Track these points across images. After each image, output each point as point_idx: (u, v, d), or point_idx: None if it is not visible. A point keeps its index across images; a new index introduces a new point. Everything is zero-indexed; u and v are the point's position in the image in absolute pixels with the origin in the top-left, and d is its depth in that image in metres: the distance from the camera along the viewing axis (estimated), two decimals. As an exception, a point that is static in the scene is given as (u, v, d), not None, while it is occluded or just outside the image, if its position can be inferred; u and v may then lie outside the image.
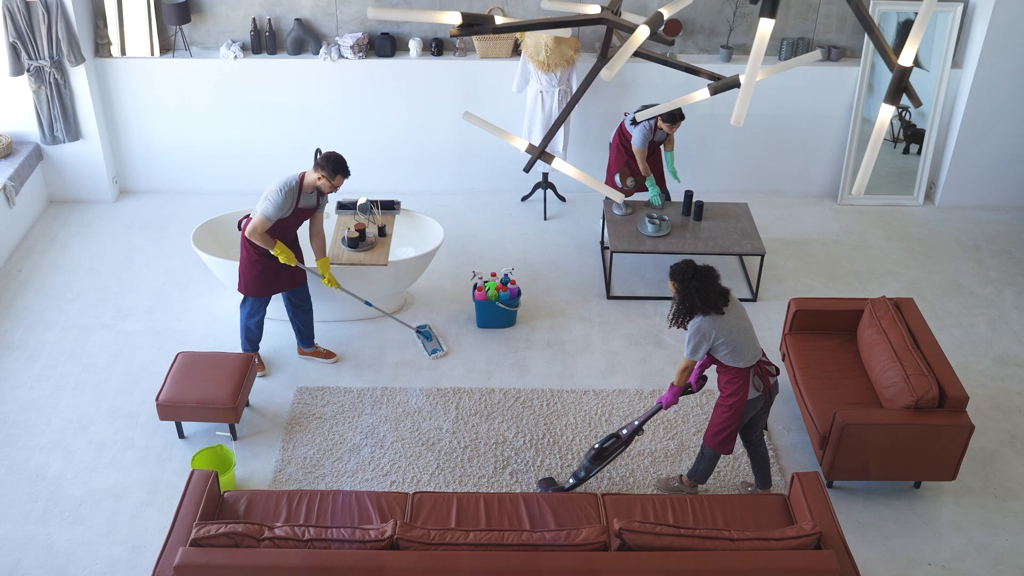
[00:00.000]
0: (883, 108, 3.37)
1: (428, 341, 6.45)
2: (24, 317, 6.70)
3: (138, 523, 5.17)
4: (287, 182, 5.61)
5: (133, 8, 7.50)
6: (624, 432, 5.17)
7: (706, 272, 4.79)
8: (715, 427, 5.05)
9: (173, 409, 5.56)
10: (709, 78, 4.30)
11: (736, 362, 4.86)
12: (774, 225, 7.93)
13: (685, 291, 4.78)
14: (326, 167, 5.59)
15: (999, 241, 7.84)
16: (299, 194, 5.67)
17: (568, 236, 7.76)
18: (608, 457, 5.17)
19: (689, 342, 4.85)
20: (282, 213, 5.62)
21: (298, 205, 5.69)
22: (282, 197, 5.57)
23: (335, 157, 5.61)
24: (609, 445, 5.15)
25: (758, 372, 4.94)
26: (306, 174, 5.68)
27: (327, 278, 6.02)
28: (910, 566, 5.03)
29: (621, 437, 5.16)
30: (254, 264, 5.82)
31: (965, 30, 7.73)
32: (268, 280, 5.90)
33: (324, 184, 5.64)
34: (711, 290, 4.76)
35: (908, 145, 8.13)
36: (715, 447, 5.08)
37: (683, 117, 6.76)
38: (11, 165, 7.42)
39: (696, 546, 4.11)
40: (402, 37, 7.81)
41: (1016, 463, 5.69)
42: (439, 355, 6.35)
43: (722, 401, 5.00)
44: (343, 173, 5.64)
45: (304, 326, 6.22)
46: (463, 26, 3.58)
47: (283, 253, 5.74)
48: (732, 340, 4.80)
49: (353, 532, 4.11)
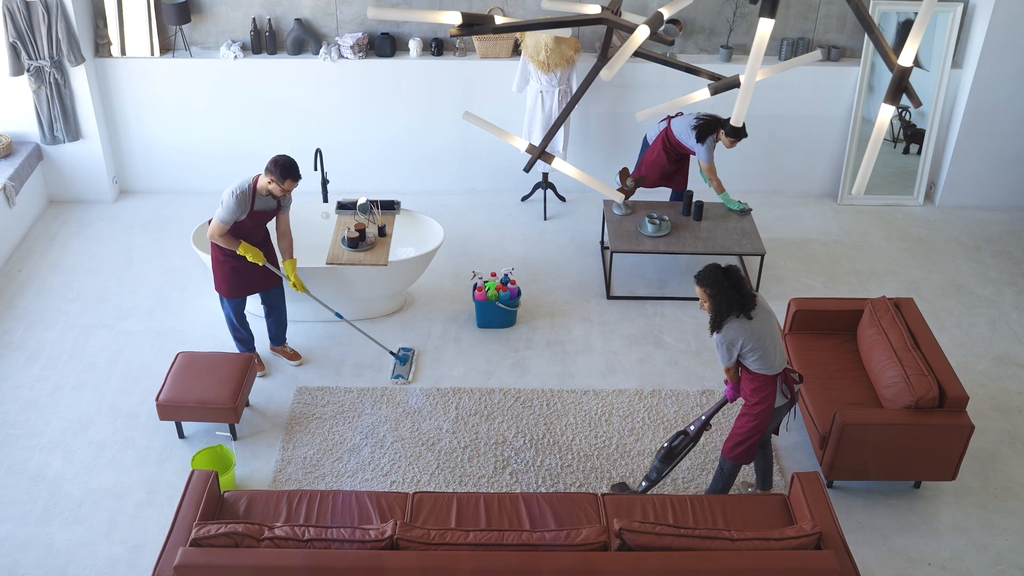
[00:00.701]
0: (883, 108, 3.37)
1: (401, 365, 6.26)
2: (24, 317, 6.70)
3: (138, 523, 5.17)
4: (240, 186, 5.61)
5: (133, 8, 7.50)
6: (692, 428, 5.07)
7: (734, 271, 4.68)
8: (738, 437, 4.90)
9: (173, 409, 5.56)
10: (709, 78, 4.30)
11: (764, 369, 4.74)
12: (774, 225, 7.93)
13: (720, 293, 4.62)
14: (274, 171, 5.53)
15: (999, 241, 7.84)
16: (253, 197, 5.66)
17: (568, 236, 7.76)
18: (679, 455, 5.07)
19: (719, 350, 4.76)
20: (237, 216, 5.62)
21: (253, 208, 5.68)
22: (234, 201, 5.57)
23: (284, 161, 5.54)
24: (679, 443, 5.05)
25: (784, 379, 4.84)
26: (259, 177, 5.65)
27: (292, 280, 5.99)
28: (910, 566, 5.03)
29: (689, 433, 5.06)
30: (223, 264, 5.84)
31: (965, 30, 7.73)
32: (241, 280, 5.91)
33: (275, 188, 5.59)
34: (745, 289, 4.66)
35: (908, 145, 8.13)
36: (735, 458, 4.94)
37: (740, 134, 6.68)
38: (11, 165, 7.42)
39: (696, 546, 4.11)
40: (402, 37, 7.81)
41: (1016, 463, 5.69)
42: (400, 382, 6.14)
43: (748, 410, 4.86)
44: (292, 177, 5.55)
45: (276, 326, 6.23)
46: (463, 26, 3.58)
47: (249, 252, 5.74)
48: (760, 346, 4.68)
49: (353, 532, 4.11)
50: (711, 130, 6.76)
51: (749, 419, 4.86)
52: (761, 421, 4.83)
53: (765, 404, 4.80)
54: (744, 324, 4.66)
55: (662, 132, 7.07)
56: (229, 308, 6.02)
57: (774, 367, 4.75)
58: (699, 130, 6.77)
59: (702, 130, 6.76)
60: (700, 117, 6.82)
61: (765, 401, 4.80)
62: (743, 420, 4.89)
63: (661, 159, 7.12)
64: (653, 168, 7.20)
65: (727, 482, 5.09)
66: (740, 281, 4.65)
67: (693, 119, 6.84)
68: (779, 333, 4.83)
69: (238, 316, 6.06)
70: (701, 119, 6.80)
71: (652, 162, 7.18)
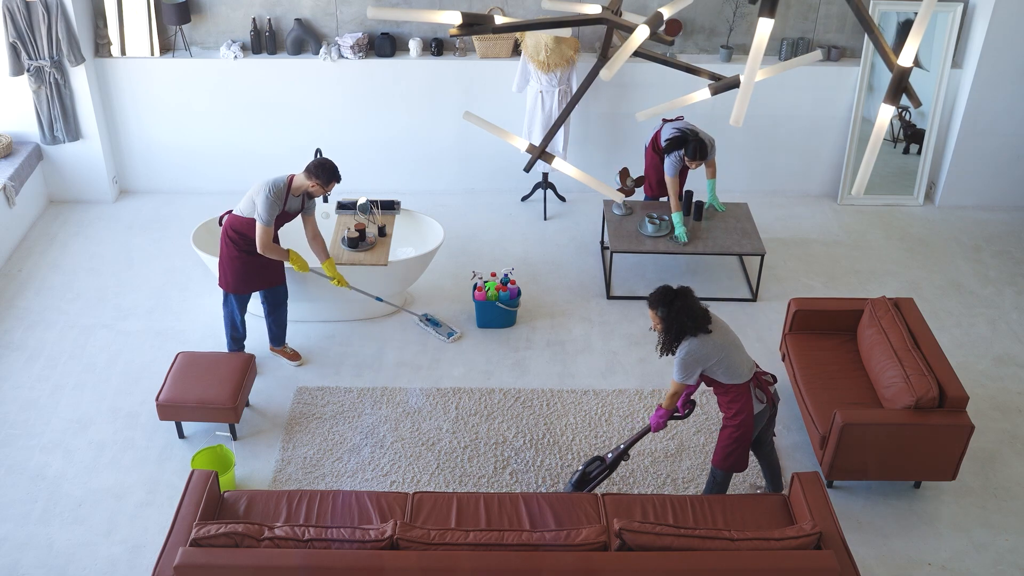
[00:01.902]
0: (883, 108, 3.37)
1: (438, 328, 6.46)
2: (24, 317, 6.70)
3: (138, 523, 5.17)
4: (275, 184, 5.60)
5: (133, 8, 7.50)
6: (609, 456, 5.08)
7: (686, 292, 4.65)
8: (725, 449, 4.89)
9: (173, 409, 5.56)
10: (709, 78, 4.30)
11: (733, 379, 4.72)
12: (774, 225, 7.93)
13: (672, 315, 4.60)
14: (321, 175, 5.59)
15: (999, 241, 7.84)
16: (287, 197, 5.67)
17: (568, 236, 7.76)
18: (592, 481, 5.08)
19: (680, 367, 4.69)
20: (274, 214, 5.63)
21: (284, 207, 5.70)
22: (273, 199, 5.58)
23: (330, 165, 5.63)
24: (593, 469, 5.06)
25: (757, 384, 4.83)
26: (295, 177, 5.66)
27: (336, 279, 6.04)
28: (910, 566, 5.03)
29: (606, 460, 5.07)
30: (233, 260, 5.84)
31: (965, 30, 7.73)
32: (249, 276, 5.91)
33: (316, 190, 5.66)
34: (696, 308, 4.63)
35: (908, 145, 8.13)
36: (728, 468, 4.94)
37: (705, 156, 6.61)
38: (11, 165, 7.42)
39: (696, 546, 4.11)
40: (402, 37, 7.81)
41: (1016, 463, 5.69)
42: (456, 337, 6.35)
43: (728, 423, 4.84)
44: (337, 180, 5.67)
45: (277, 326, 6.23)
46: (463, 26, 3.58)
47: (297, 262, 5.82)
48: (726, 357, 4.67)
49: (353, 532, 4.11)
50: (679, 146, 6.68)
51: (732, 431, 4.84)
52: (744, 431, 4.81)
53: (744, 414, 4.78)
54: (705, 339, 4.64)
55: (654, 135, 7.08)
56: (234, 304, 6.01)
57: (743, 375, 4.73)
58: (669, 143, 6.71)
59: (672, 144, 6.70)
60: (679, 129, 6.75)
61: (743, 411, 4.78)
62: (726, 432, 4.86)
63: (655, 161, 7.13)
64: (650, 172, 7.20)
65: (721, 489, 5.08)
66: (691, 303, 4.62)
67: (674, 128, 6.79)
68: (739, 339, 4.81)
69: (241, 314, 6.06)
70: (678, 131, 6.73)
71: (648, 167, 7.19)
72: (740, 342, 4.81)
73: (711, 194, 7.10)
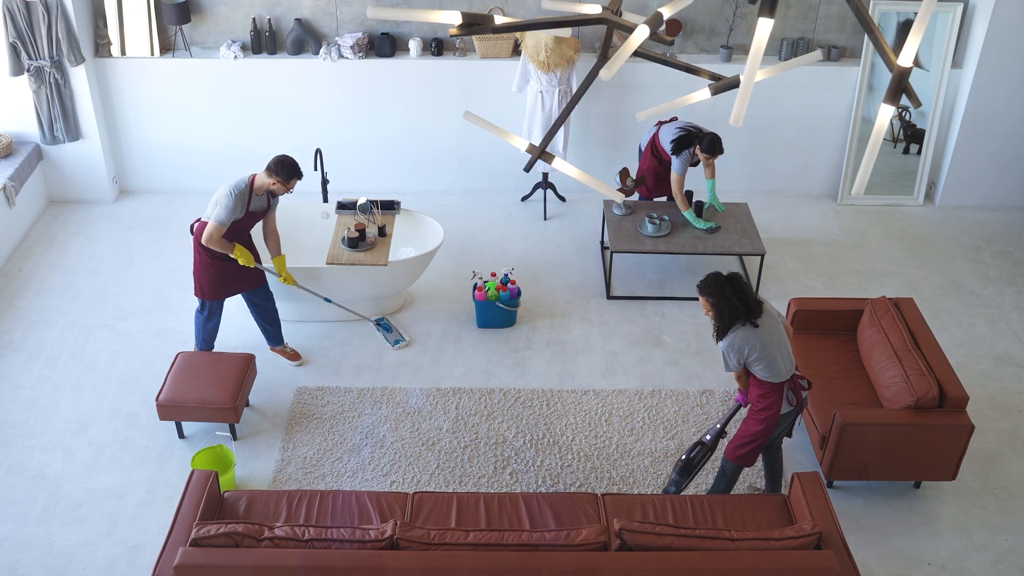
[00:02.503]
0: (883, 108, 3.37)
1: (388, 333, 6.40)
2: (24, 317, 6.70)
3: (138, 523, 5.18)
4: (237, 185, 5.61)
5: (133, 8, 7.50)
6: (708, 437, 5.04)
7: (735, 278, 4.65)
8: (742, 439, 4.89)
9: (173, 409, 5.56)
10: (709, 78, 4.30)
11: (771, 377, 4.71)
12: (774, 225, 7.93)
13: (723, 300, 4.60)
14: (281, 172, 5.58)
15: (999, 241, 7.84)
16: (250, 197, 5.67)
17: (568, 236, 7.76)
18: (697, 466, 5.03)
19: (723, 357, 4.73)
20: (234, 216, 5.63)
21: (249, 208, 5.69)
22: (233, 201, 5.58)
23: (289, 161, 5.60)
24: (696, 454, 5.02)
25: (791, 386, 4.82)
26: (257, 176, 5.67)
27: (283, 276, 6.01)
28: (910, 566, 5.03)
29: (706, 443, 5.03)
30: (207, 267, 5.83)
31: (965, 30, 7.73)
32: (224, 282, 5.90)
33: (279, 188, 5.64)
34: (747, 295, 4.63)
35: (908, 145, 8.13)
36: (737, 460, 4.93)
37: (721, 150, 6.64)
38: (11, 165, 7.42)
39: (696, 546, 4.11)
40: (402, 37, 7.81)
41: (1016, 463, 5.69)
42: (402, 345, 6.28)
43: (754, 415, 4.85)
44: (297, 176, 5.64)
45: (269, 324, 6.23)
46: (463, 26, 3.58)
47: (243, 255, 5.76)
48: (767, 355, 4.65)
49: (353, 532, 4.11)
50: (688, 144, 6.69)
51: (755, 423, 4.85)
52: (766, 426, 4.82)
53: (771, 411, 4.78)
54: (749, 332, 4.63)
55: (651, 138, 7.06)
56: (208, 310, 6.00)
57: (781, 375, 4.73)
58: (676, 142, 6.69)
59: (679, 143, 6.69)
60: (683, 128, 6.75)
61: (771, 408, 4.78)
62: (748, 424, 4.88)
63: (653, 164, 7.13)
64: (648, 175, 7.19)
65: (728, 483, 5.08)
66: (743, 288, 4.63)
67: (676, 128, 6.79)
68: (788, 340, 4.78)
69: (214, 320, 6.06)
70: (682, 130, 6.73)
71: (646, 168, 7.18)
72: (787, 342, 4.77)
73: (711, 194, 7.10)
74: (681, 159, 6.74)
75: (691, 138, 6.68)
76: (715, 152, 6.63)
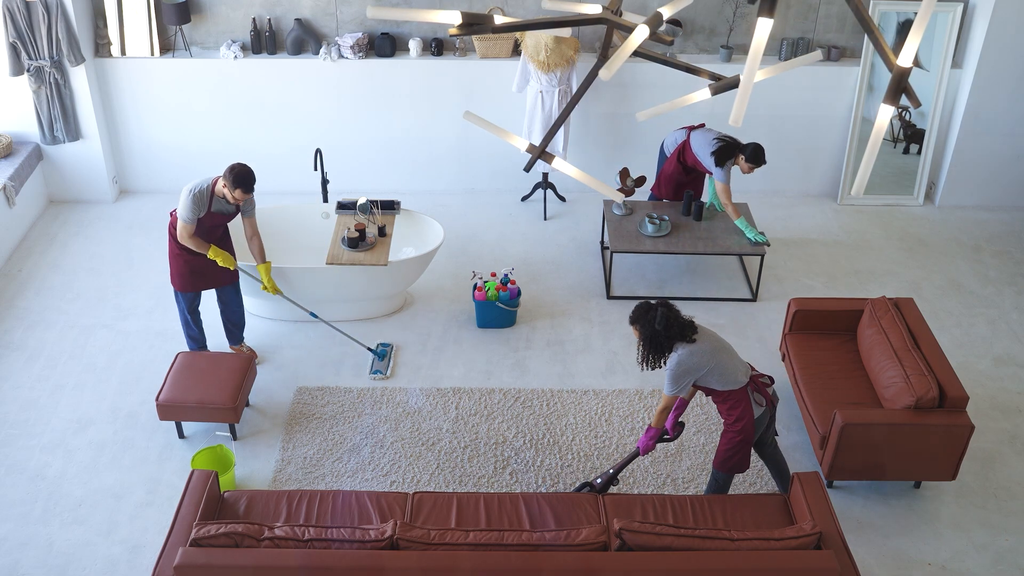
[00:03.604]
0: (882, 109, 3.37)
1: (379, 360, 6.28)
2: (24, 317, 6.70)
3: (138, 523, 5.18)
4: (197, 186, 5.63)
5: (133, 8, 7.50)
6: (598, 481, 5.05)
7: (665, 304, 4.64)
8: (726, 453, 4.87)
9: (173, 409, 5.56)
10: (710, 78, 4.30)
11: (728, 384, 4.70)
12: (774, 225, 7.93)
13: (649, 327, 4.59)
14: (228, 178, 5.56)
15: (999, 241, 7.84)
16: (211, 198, 5.67)
17: (568, 236, 7.76)
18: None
19: (670, 378, 4.66)
20: (197, 215, 5.64)
21: (211, 209, 5.69)
22: (191, 200, 5.60)
23: (239, 170, 5.55)
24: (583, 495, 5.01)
25: (755, 387, 4.80)
26: (218, 180, 5.66)
27: (264, 284, 6.01)
28: (910, 566, 5.03)
29: (595, 486, 5.04)
30: (176, 257, 5.87)
31: (965, 30, 7.73)
32: (193, 275, 5.92)
33: (228, 194, 5.62)
34: (675, 318, 4.61)
35: (908, 145, 8.13)
36: (729, 470, 4.92)
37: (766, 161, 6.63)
38: (11, 165, 7.42)
39: (696, 546, 4.11)
40: (402, 37, 7.81)
41: (1016, 463, 5.69)
42: (378, 377, 6.16)
43: (729, 428, 4.82)
44: (243, 188, 5.56)
45: (232, 324, 6.24)
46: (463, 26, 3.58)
47: (219, 255, 5.78)
48: (718, 364, 4.65)
49: (353, 532, 4.11)
50: (731, 154, 6.66)
51: (733, 435, 4.81)
52: (745, 435, 4.79)
53: (744, 419, 4.76)
54: (693, 349, 4.62)
55: (679, 146, 7.01)
56: (183, 303, 6.03)
57: (738, 380, 4.71)
58: (719, 154, 6.63)
59: (722, 153, 6.63)
60: (721, 139, 6.70)
61: (743, 416, 4.76)
62: (727, 438, 4.85)
63: (677, 170, 7.09)
64: (668, 180, 7.17)
65: (722, 490, 5.06)
66: (671, 312, 4.60)
67: (714, 139, 6.72)
68: (729, 344, 4.78)
69: (191, 312, 6.08)
70: (722, 141, 6.67)
71: (668, 175, 7.14)
72: (731, 347, 4.78)
73: (711, 193, 7.09)
74: (725, 169, 6.69)
75: (732, 148, 6.65)
76: (759, 161, 6.60)
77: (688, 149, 6.91)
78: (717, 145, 6.67)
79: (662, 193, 7.27)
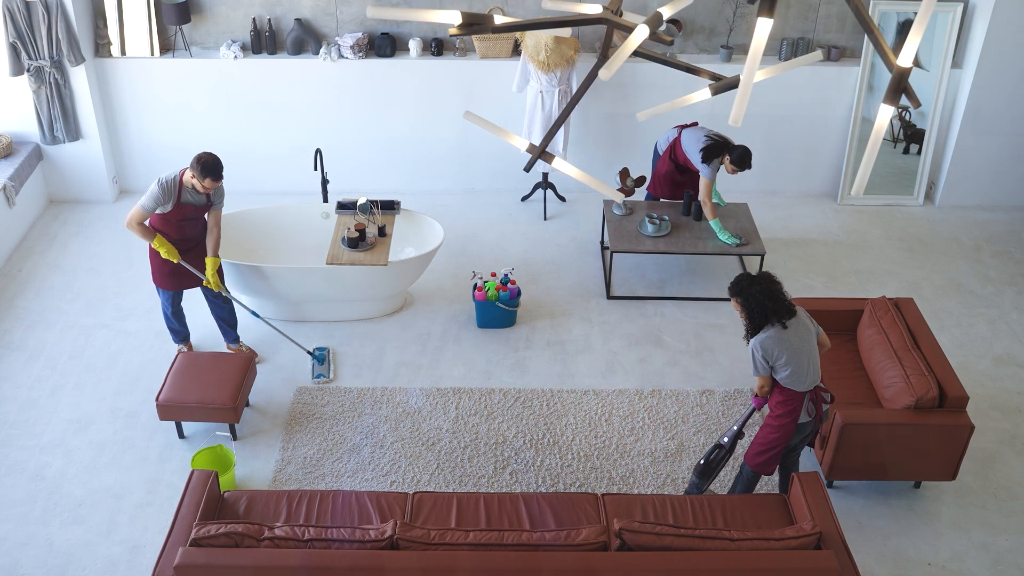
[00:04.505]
0: (882, 109, 3.38)
1: (319, 364, 6.24)
2: (24, 317, 6.70)
3: (138, 523, 5.18)
4: (167, 177, 5.63)
5: (133, 8, 7.50)
6: (726, 440, 5.01)
7: (765, 277, 4.65)
8: (759, 446, 4.88)
9: (173, 409, 5.56)
10: (710, 78, 4.31)
11: (793, 384, 4.69)
12: (774, 225, 7.93)
13: (750, 300, 4.60)
14: (196, 167, 5.56)
15: (999, 241, 7.84)
16: (179, 190, 5.66)
17: (568, 236, 7.76)
18: (716, 468, 5.00)
19: (752, 360, 4.70)
20: (160, 205, 5.62)
21: (179, 200, 5.67)
22: (159, 190, 5.59)
23: (206, 159, 5.56)
24: (715, 456, 4.99)
25: (813, 398, 4.79)
26: (186, 171, 5.66)
27: (206, 278, 5.93)
28: (910, 566, 5.03)
29: (724, 445, 5.00)
30: (154, 255, 5.85)
31: (965, 30, 7.73)
32: (172, 275, 5.90)
33: (196, 184, 5.62)
34: (776, 295, 4.61)
35: (908, 145, 8.13)
36: (756, 467, 4.92)
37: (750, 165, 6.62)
38: (11, 165, 7.42)
39: (696, 546, 4.11)
40: (402, 37, 7.81)
41: (1016, 463, 5.69)
42: (321, 381, 6.14)
43: (771, 421, 4.82)
44: (212, 177, 5.57)
45: (224, 322, 6.23)
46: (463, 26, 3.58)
47: (163, 247, 5.72)
48: (794, 360, 4.63)
49: (353, 532, 4.12)
50: (718, 153, 6.66)
51: (771, 430, 4.82)
52: (783, 434, 4.79)
53: (789, 418, 4.76)
54: (779, 333, 4.61)
55: (671, 144, 7.02)
56: (164, 298, 6.04)
57: (804, 385, 4.71)
58: (706, 151, 6.65)
59: (709, 152, 6.65)
60: (711, 136, 6.71)
61: (789, 416, 4.75)
62: (765, 431, 4.86)
63: (669, 168, 7.10)
64: (663, 180, 7.17)
65: (747, 488, 5.06)
66: (772, 288, 4.62)
67: (704, 136, 6.74)
68: (817, 352, 4.76)
69: (172, 308, 6.08)
70: (712, 139, 6.69)
71: (663, 174, 7.15)
72: (815, 353, 4.74)
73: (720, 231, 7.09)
74: (711, 167, 6.70)
75: (721, 147, 6.65)
76: (744, 166, 6.60)
77: (679, 147, 6.93)
78: (706, 143, 6.70)
79: (658, 192, 7.28)
